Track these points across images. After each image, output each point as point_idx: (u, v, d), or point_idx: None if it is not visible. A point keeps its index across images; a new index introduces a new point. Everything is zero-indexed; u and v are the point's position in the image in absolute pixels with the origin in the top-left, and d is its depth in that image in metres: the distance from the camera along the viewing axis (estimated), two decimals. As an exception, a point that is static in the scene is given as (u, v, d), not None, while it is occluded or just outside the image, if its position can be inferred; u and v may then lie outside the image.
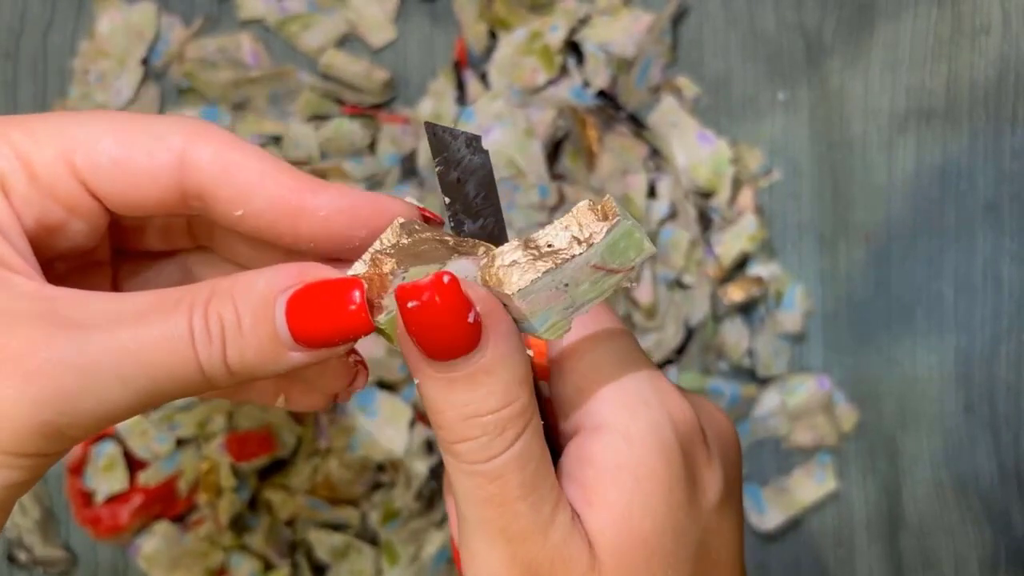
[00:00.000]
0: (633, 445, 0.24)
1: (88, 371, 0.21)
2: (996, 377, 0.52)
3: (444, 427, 0.23)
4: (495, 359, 0.22)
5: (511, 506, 0.23)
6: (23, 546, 0.48)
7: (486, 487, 0.23)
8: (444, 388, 0.22)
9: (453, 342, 0.22)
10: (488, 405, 0.22)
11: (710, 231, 0.50)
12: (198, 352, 0.22)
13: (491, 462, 0.23)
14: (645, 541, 0.24)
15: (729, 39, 0.53)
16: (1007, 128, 0.52)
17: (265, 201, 0.24)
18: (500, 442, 0.23)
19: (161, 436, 0.47)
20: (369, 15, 0.51)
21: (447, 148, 0.24)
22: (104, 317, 0.22)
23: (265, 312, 0.22)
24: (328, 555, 0.49)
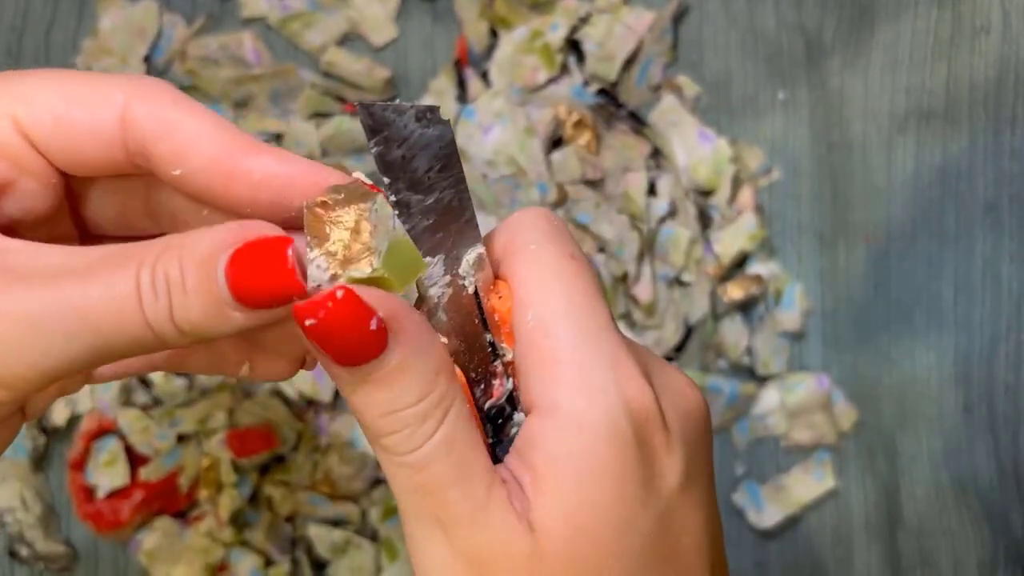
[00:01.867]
0: (585, 433, 0.24)
1: (30, 324, 0.21)
2: (995, 377, 0.52)
3: (367, 425, 0.23)
4: (405, 357, 0.22)
5: (441, 494, 0.23)
6: (24, 541, 0.48)
7: (414, 477, 0.23)
8: (360, 390, 0.22)
9: (359, 350, 0.22)
10: (405, 400, 0.22)
11: (710, 230, 0.51)
12: (145, 310, 0.22)
13: (415, 452, 0.23)
14: (591, 532, 0.24)
15: (729, 38, 0.53)
16: (1007, 128, 0.52)
17: (200, 160, 0.23)
18: (422, 433, 0.23)
19: (162, 432, 0.47)
20: (370, 14, 0.51)
21: (389, 126, 0.23)
22: (52, 270, 0.21)
23: (208, 270, 0.22)
24: (328, 551, 0.49)
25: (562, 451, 0.23)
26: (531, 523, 0.23)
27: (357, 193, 0.23)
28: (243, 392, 0.48)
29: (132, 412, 0.47)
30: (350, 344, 0.21)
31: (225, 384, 0.47)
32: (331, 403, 0.48)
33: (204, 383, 0.47)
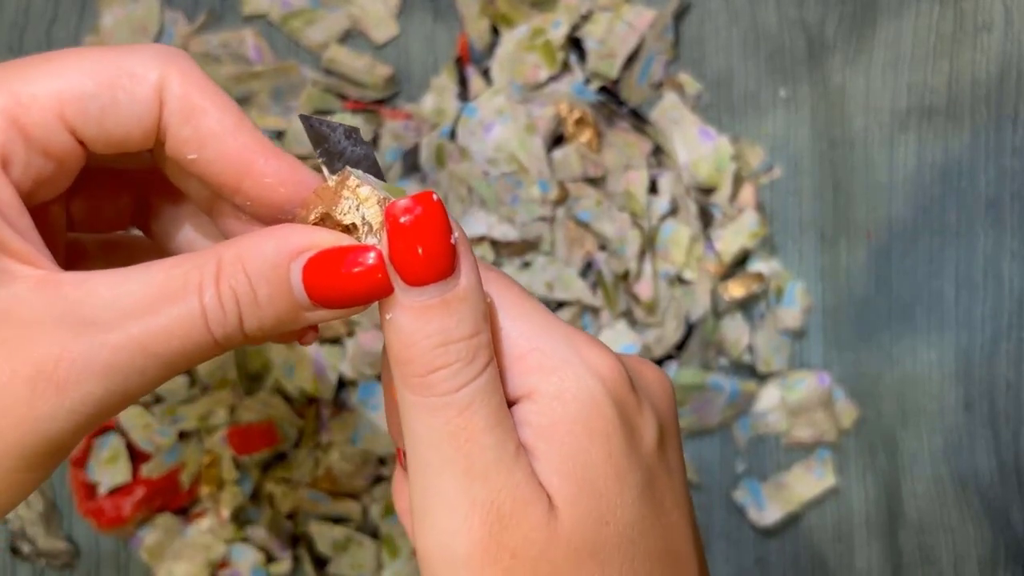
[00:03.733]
0: (565, 403, 0.24)
1: (110, 375, 0.22)
2: (996, 374, 0.52)
3: (415, 359, 0.23)
4: (468, 286, 0.23)
5: (478, 439, 0.23)
6: (26, 538, 0.48)
7: (454, 420, 0.23)
8: (419, 316, 0.23)
9: (436, 262, 0.22)
10: (461, 331, 0.23)
11: (711, 227, 0.51)
12: (212, 330, 0.23)
13: (462, 391, 0.23)
14: (591, 485, 0.24)
15: (731, 36, 0.53)
16: (1008, 125, 0.52)
17: (218, 153, 0.25)
18: (470, 370, 0.23)
19: (163, 429, 0.47)
20: (372, 11, 0.51)
21: (326, 140, 0.24)
22: (114, 311, 0.22)
23: (280, 279, 0.23)
24: (329, 548, 0.49)
25: (547, 423, 0.24)
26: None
27: (330, 187, 0.24)
28: (244, 389, 0.48)
29: (133, 409, 0.47)
30: (433, 252, 0.22)
31: (226, 381, 0.47)
32: (332, 400, 0.48)
33: (205, 380, 0.47)
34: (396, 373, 0.24)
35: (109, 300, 0.22)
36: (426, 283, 0.22)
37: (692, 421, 0.51)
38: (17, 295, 0.22)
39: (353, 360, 0.47)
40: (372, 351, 0.47)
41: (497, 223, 0.45)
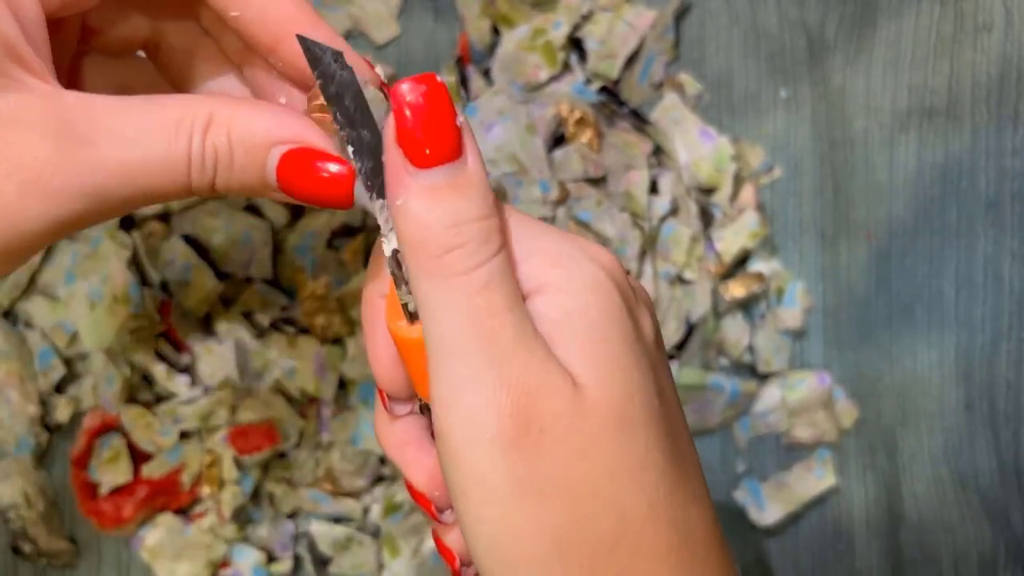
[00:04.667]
0: (575, 294, 0.25)
1: (95, 193, 0.24)
2: (996, 375, 0.53)
3: (430, 240, 0.23)
4: (475, 169, 0.24)
5: (499, 317, 0.23)
6: (27, 538, 0.48)
7: (474, 300, 0.23)
8: (430, 199, 0.23)
9: (444, 143, 0.23)
10: (472, 213, 0.23)
11: (711, 227, 0.51)
12: (192, 177, 0.25)
13: (480, 269, 0.23)
14: (614, 362, 0.25)
15: (731, 36, 0.53)
16: (1009, 126, 0.52)
17: (260, 15, 0.26)
18: (486, 250, 0.24)
19: (164, 429, 0.47)
20: (373, 11, 0.51)
21: (320, 62, 0.25)
22: (110, 136, 0.24)
23: (258, 158, 0.25)
24: (330, 548, 0.49)
25: (560, 313, 0.25)
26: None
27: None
28: (245, 389, 0.48)
29: (135, 409, 0.47)
30: (438, 130, 0.23)
31: (227, 381, 0.47)
32: (333, 400, 0.48)
33: (207, 381, 0.47)
34: (412, 260, 0.24)
35: (106, 124, 0.24)
36: (435, 165, 0.23)
37: (693, 421, 0.51)
38: (25, 103, 0.24)
39: (354, 360, 0.47)
40: (373, 351, 0.47)
41: (498, 223, 0.46)
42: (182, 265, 0.47)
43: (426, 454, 0.28)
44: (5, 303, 0.48)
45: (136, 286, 0.46)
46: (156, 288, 0.47)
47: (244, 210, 0.49)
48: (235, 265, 0.48)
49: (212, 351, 0.47)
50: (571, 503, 0.24)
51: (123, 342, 0.46)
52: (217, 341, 0.47)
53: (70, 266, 0.47)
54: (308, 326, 0.47)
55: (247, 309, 0.48)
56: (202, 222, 0.48)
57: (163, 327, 0.47)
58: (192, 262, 0.47)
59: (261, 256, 0.48)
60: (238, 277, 0.48)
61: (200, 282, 0.47)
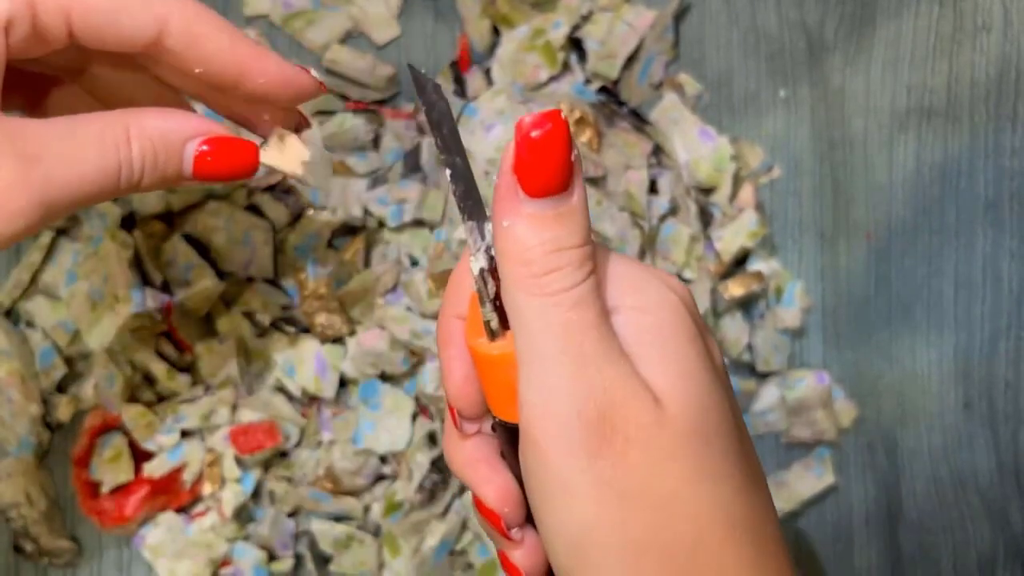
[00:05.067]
0: (652, 314, 0.27)
1: (50, 208, 0.28)
2: (995, 374, 0.53)
3: (533, 261, 0.25)
4: (580, 200, 0.26)
5: (588, 332, 0.25)
6: (29, 537, 0.49)
7: (566, 314, 0.25)
8: (537, 225, 0.25)
9: (558, 175, 0.25)
10: (572, 240, 0.25)
11: (711, 227, 0.51)
12: (121, 181, 0.29)
13: (575, 289, 0.25)
14: (692, 376, 0.26)
15: (731, 36, 0.53)
16: (1008, 126, 0.52)
17: (219, 67, 0.31)
18: (580, 273, 0.25)
19: (166, 428, 0.47)
20: (373, 12, 0.51)
21: (424, 91, 0.27)
22: (53, 153, 0.28)
23: (175, 153, 0.30)
24: (331, 546, 0.49)
25: (634, 331, 0.26)
26: None
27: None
28: (246, 389, 0.48)
29: (136, 408, 0.47)
30: (555, 166, 0.25)
31: (228, 380, 0.47)
32: (334, 400, 0.48)
33: (208, 380, 0.47)
34: (511, 277, 0.26)
35: (47, 143, 0.28)
36: (545, 196, 0.25)
37: (692, 420, 0.51)
38: None
39: (354, 359, 0.47)
40: (373, 350, 0.47)
41: (498, 223, 0.46)
42: (183, 265, 0.47)
43: (496, 472, 0.30)
44: (6, 302, 0.49)
45: (137, 286, 0.46)
46: (157, 288, 0.47)
47: (245, 210, 0.49)
48: (236, 265, 0.48)
49: (213, 350, 0.47)
50: (652, 509, 0.25)
51: (124, 341, 0.47)
52: (218, 340, 0.47)
53: (71, 266, 0.47)
54: (309, 325, 0.47)
55: (248, 308, 0.48)
56: (203, 222, 0.48)
57: (164, 326, 0.47)
58: (193, 262, 0.47)
59: (262, 255, 0.48)
60: (239, 276, 0.48)
61: (201, 282, 0.47)
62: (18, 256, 0.50)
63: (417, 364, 0.48)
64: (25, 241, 0.50)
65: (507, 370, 0.27)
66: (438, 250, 0.47)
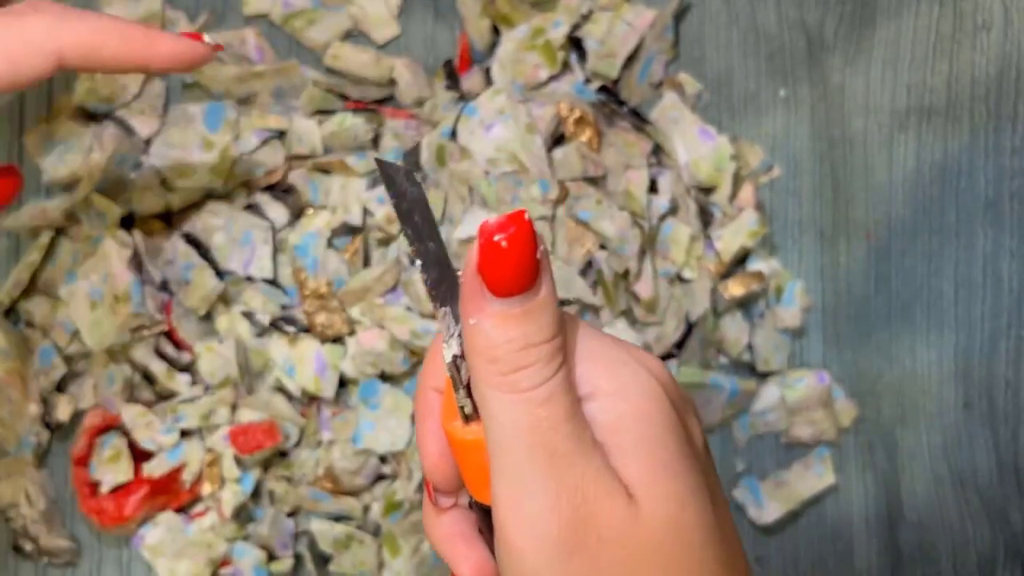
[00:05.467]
0: (628, 400, 0.26)
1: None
2: (995, 373, 0.53)
3: (500, 360, 0.25)
4: (548, 295, 0.25)
5: (559, 428, 0.25)
6: (29, 536, 0.49)
7: (536, 411, 0.25)
8: (503, 324, 0.25)
9: (523, 276, 0.24)
10: (542, 336, 0.25)
11: (711, 227, 0.51)
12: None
13: (544, 386, 0.25)
14: (668, 468, 0.26)
15: (731, 36, 0.53)
16: (1008, 126, 0.52)
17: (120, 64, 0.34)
18: (549, 368, 0.25)
19: (165, 428, 0.47)
20: (373, 11, 0.51)
21: (394, 182, 0.27)
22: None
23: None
24: (330, 546, 0.49)
25: (615, 419, 0.26)
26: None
27: None
28: (246, 388, 0.48)
29: (135, 408, 0.47)
30: (518, 268, 0.24)
31: (228, 380, 0.47)
32: (333, 399, 0.48)
33: (207, 380, 0.47)
34: (479, 373, 0.25)
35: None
36: (511, 295, 0.24)
37: (692, 420, 0.51)
38: None
39: (354, 359, 0.47)
40: (373, 350, 0.47)
41: (498, 222, 0.46)
42: (183, 264, 0.47)
43: (473, 548, 0.29)
44: (6, 302, 0.49)
45: (137, 285, 0.46)
46: (157, 287, 0.47)
47: (244, 209, 0.49)
48: (236, 264, 0.48)
49: (213, 350, 0.47)
50: None
51: (124, 341, 0.47)
52: (218, 340, 0.47)
53: (71, 265, 0.47)
54: (309, 325, 0.47)
55: (248, 308, 0.48)
56: (203, 221, 0.48)
57: (164, 326, 0.47)
58: (193, 261, 0.47)
59: (261, 255, 0.48)
60: (238, 276, 0.48)
61: (201, 281, 0.47)
62: (18, 255, 0.50)
63: (417, 364, 0.48)
64: (25, 240, 0.50)
65: (481, 455, 0.26)
66: (438, 250, 0.47)
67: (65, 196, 0.49)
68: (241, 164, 0.49)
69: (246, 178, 0.49)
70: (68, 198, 0.49)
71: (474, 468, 0.27)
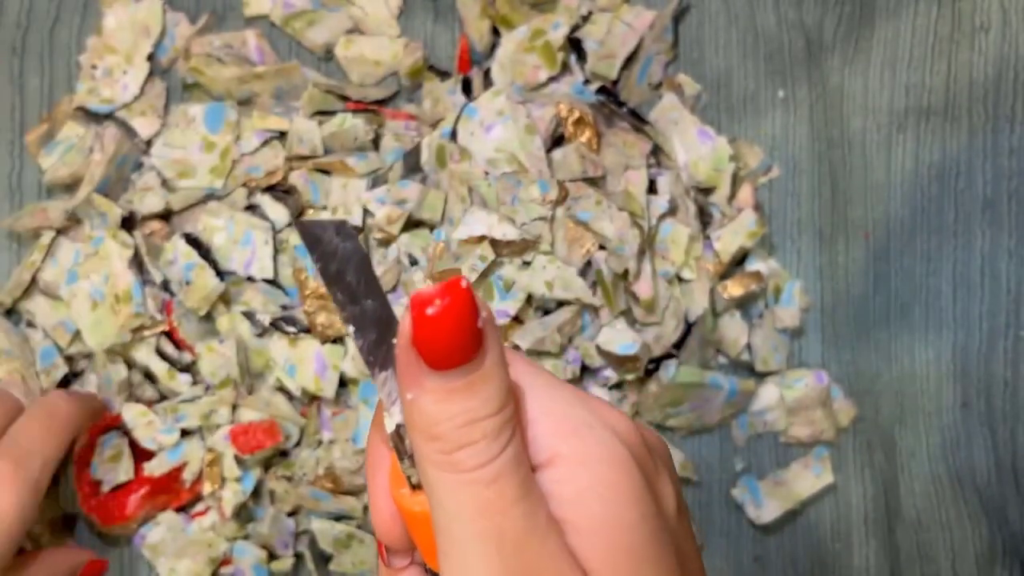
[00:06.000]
0: (590, 467, 0.24)
1: None
2: (993, 373, 0.53)
3: (441, 438, 0.23)
4: (493, 364, 0.23)
5: (509, 511, 0.23)
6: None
7: (483, 493, 0.23)
8: (443, 399, 0.22)
9: (463, 348, 0.22)
10: (488, 409, 0.23)
11: (710, 227, 0.51)
12: None
13: (489, 465, 0.23)
14: (630, 550, 0.24)
15: (730, 37, 0.53)
16: (1006, 126, 0.53)
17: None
18: (497, 445, 0.23)
19: (166, 428, 0.47)
20: (373, 12, 0.52)
21: (320, 242, 0.24)
22: None
23: None
24: (331, 545, 0.49)
25: (573, 491, 0.24)
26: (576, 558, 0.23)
27: None
28: (247, 388, 0.48)
29: (136, 407, 0.47)
30: (456, 339, 0.22)
31: (229, 380, 0.47)
32: (334, 399, 0.48)
33: (208, 380, 0.48)
34: (421, 451, 0.23)
35: None
36: (451, 368, 0.22)
37: (691, 419, 0.51)
38: None
39: (354, 359, 0.48)
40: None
41: (497, 223, 0.46)
42: (183, 264, 0.47)
43: None
44: (7, 302, 0.49)
45: (138, 285, 0.46)
46: (158, 287, 0.48)
47: (245, 210, 0.49)
48: (236, 264, 0.48)
49: (214, 350, 0.47)
50: None
51: (125, 341, 0.47)
52: (218, 340, 0.47)
53: (72, 265, 0.47)
54: (309, 325, 0.47)
55: (248, 308, 0.48)
56: (203, 222, 0.48)
57: (165, 326, 0.47)
58: (194, 261, 0.47)
59: (262, 255, 0.48)
60: (239, 276, 0.48)
61: (201, 281, 0.47)
62: (19, 256, 0.50)
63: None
64: (26, 241, 0.50)
65: (430, 526, 0.24)
66: (438, 250, 0.47)
67: (66, 197, 0.50)
68: (241, 165, 0.49)
69: (246, 179, 0.49)
70: (69, 199, 0.49)
71: (425, 538, 0.25)
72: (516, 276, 0.47)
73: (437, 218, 0.48)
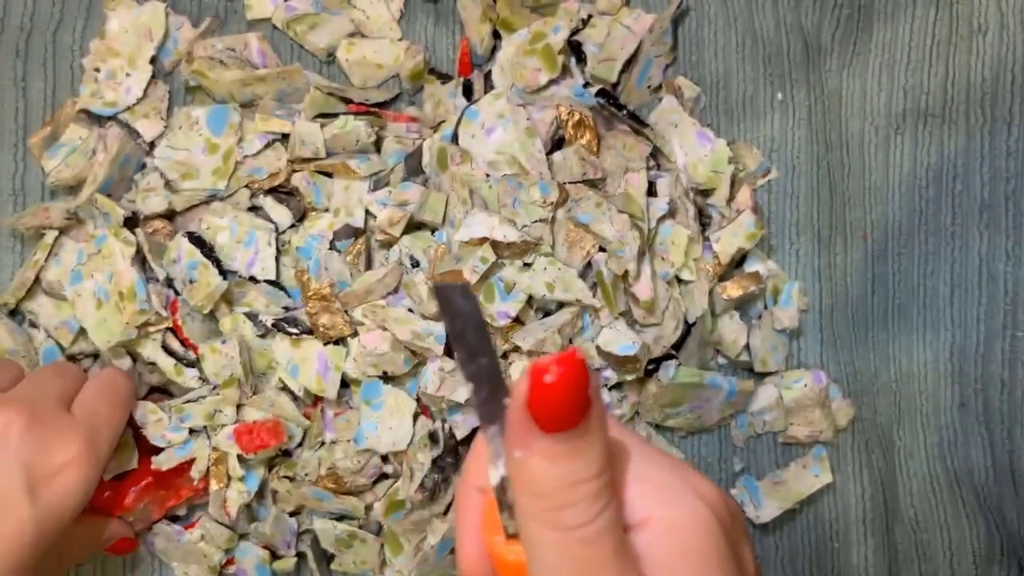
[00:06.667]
0: (678, 532, 0.25)
1: None
2: (991, 373, 0.53)
3: (547, 495, 0.24)
4: (596, 431, 0.24)
5: (605, 568, 0.24)
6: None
7: (582, 551, 0.24)
8: (550, 460, 0.24)
9: (572, 414, 0.24)
10: (590, 471, 0.24)
11: (709, 229, 0.51)
12: None
13: (589, 526, 0.24)
14: None
15: (729, 40, 0.53)
16: (1003, 128, 0.53)
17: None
18: (596, 507, 0.24)
19: (173, 427, 0.48)
20: (375, 15, 0.52)
21: (450, 303, 0.26)
22: None
23: None
24: (333, 545, 0.50)
25: (662, 553, 0.25)
26: None
27: None
28: (250, 388, 0.48)
29: (148, 404, 0.48)
30: (569, 406, 0.24)
31: (233, 379, 0.47)
32: (336, 400, 0.49)
33: (212, 380, 0.48)
34: (525, 506, 0.25)
35: None
36: (559, 432, 0.24)
37: (690, 419, 0.51)
38: None
39: (356, 360, 0.48)
40: (375, 351, 0.47)
41: (498, 225, 0.46)
42: (187, 263, 0.47)
43: None
44: (11, 302, 0.49)
45: (142, 282, 0.46)
46: (162, 284, 0.48)
47: (248, 210, 0.49)
48: (239, 264, 0.48)
49: (217, 350, 0.47)
50: None
51: (130, 338, 0.47)
52: (221, 340, 0.48)
53: (76, 265, 0.47)
54: (311, 326, 0.48)
55: (251, 309, 0.48)
56: (207, 220, 0.48)
57: (170, 322, 0.48)
58: (197, 259, 0.47)
59: (265, 256, 0.48)
60: (242, 277, 0.49)
61: (205, 279, 0.47)
62: (23, 257, 0.50)
63: (418, 365, 0.48)
64: (29, 241, 0.50)
65: (522, 574, 0.26)
66: (439, 252, 0.47)
67: (69, 199, 0.50)
68: (244, 167, 0.50)
69: (249, 180, 0.49)
70: (72, 200, 0.49)
71: None
72: (517, 278, 0.47)
73: (438, 220, 0.48)
